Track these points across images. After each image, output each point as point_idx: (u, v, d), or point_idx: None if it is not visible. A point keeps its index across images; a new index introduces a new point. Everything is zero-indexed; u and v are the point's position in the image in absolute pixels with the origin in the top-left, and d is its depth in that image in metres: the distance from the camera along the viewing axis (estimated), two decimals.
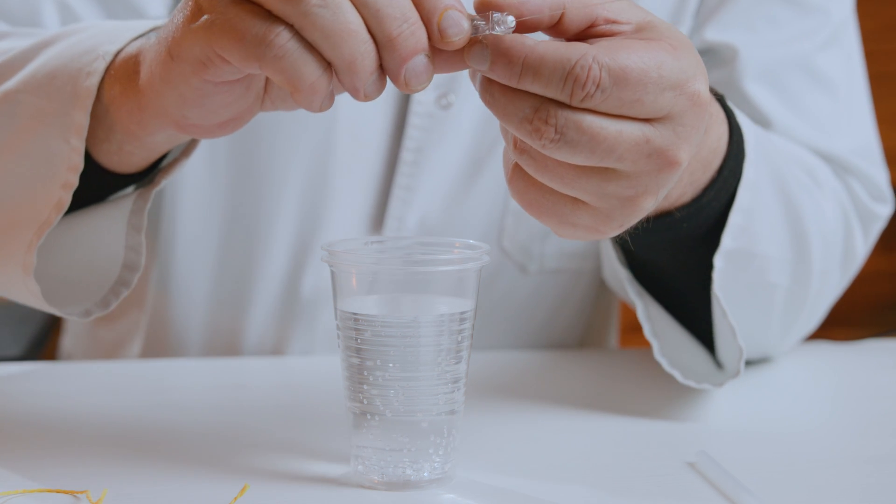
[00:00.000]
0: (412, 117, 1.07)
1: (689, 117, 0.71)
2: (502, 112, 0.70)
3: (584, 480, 0.79)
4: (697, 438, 0.89)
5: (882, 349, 1.18)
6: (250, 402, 0.96)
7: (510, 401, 0.96)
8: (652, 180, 0.72)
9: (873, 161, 1.11)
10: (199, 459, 0.81)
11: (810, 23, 1.09)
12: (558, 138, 0.69)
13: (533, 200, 0.73)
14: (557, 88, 0.68)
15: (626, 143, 0.69)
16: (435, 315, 0.76)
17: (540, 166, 0.71)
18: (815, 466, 0.84)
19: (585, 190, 0.71)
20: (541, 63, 0.68)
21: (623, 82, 0.68)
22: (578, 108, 0.69)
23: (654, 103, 0.69)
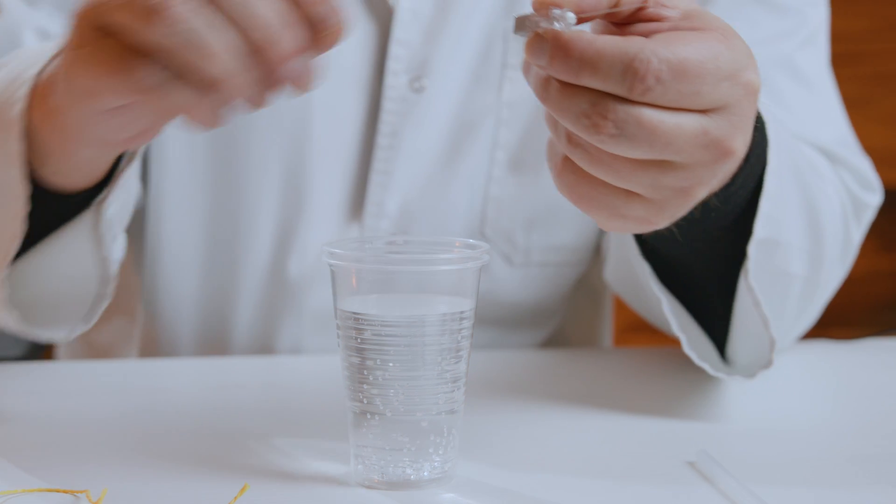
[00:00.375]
0: (386, 102, 1.07)
1: (744, 106, 0.71)
2: (558, 108, 0.69)
3: (584, 480, 0.79)
4: (697, 438, 0.89)
5: (882, 348, 1.18)
6: (250, 402, 0.96)
7: (510, 401, 0.96)
8: (707, 171, 0.72)
9: (856, 152, 1.12)
10: (199, 459, 0.81)
11: (788, 24, 1.10)
12: (617, 133, 0.69)
13: (584, 194, 0.73)
14: (617, 82, 0.68)
15: (684, 135, 0.70)
16: (435, 314, 0.76)
17: (594, 160, 0.71)
18: (816, 465, 0.84)
19: (641, 183, 0.71)
20: (600, 57, 0.68)
21: (682, 75, 0.68)
22: (637, 101, 0.69)
23: (712, 94, 0.70)
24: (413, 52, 1.07)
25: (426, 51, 1.07)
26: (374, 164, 1.08)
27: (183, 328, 1.13)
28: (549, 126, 0.73)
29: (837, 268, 1.07)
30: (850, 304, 2.20)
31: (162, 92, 0.69)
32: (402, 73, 1.07)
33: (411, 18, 1.07)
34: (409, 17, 1.07)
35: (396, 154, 1.08)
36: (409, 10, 1.07)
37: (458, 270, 0.76)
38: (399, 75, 1.07)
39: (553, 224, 1.12)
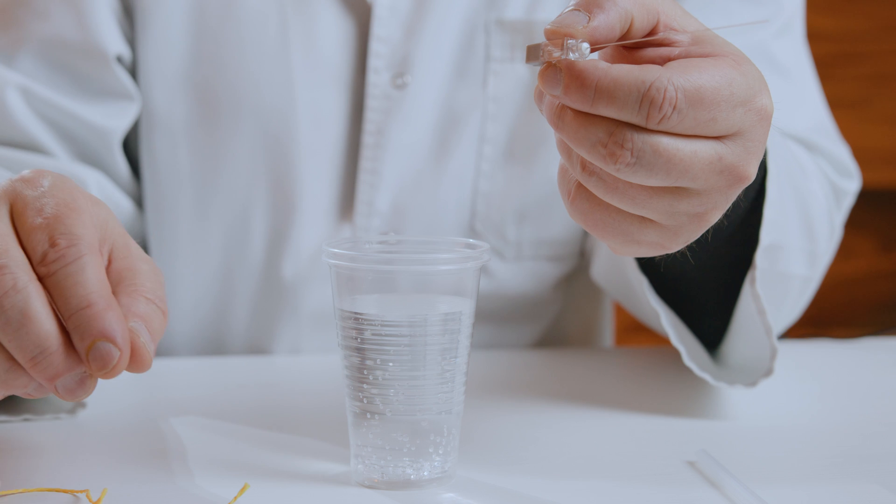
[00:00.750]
0: (369, 100, 1.07)
1: (757, 132, 0.72)
2: (574, 137, 0.69)
3: (584, 479, 0.79)
4: (697, 437, 0.88)
5: (881, 347, 1.18)
6: (250, 402, 0.96)
7: (510, 400, 0.96)
8: (721, 196, 0.72)
9: (834, 139, 1.12)
10: (199, 459, 0.81)
11: (763, 13, 1.10)
12: (634, 162, 0.68)
13: (598, 221, 0.73)
14: (633, 111, 0.68)
15: (700, 162, 0.70)
16: (435, 314, 0.76)
17: (610, 188, 0.70)
18: (815, 465, 0.84)
19: (656, 210, 0.71)
20: (615, 86, 0.68)
21: (698, 102, 0.68)
22: (653, 130, 0.68)
23: (727, 121, 0.70)
24: (393, 48, 1.07)
25: (407, 46, 1.07)
26: (362, 163, 1.08)
27: (179, 335, 1.13)
28: (562, 153, 0.72)
29: (829, 257, 1.08)
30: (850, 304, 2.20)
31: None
32: (384, 70, 1.07)
33: (389, 14, 1.06)
34: (386, 13, 1.06)
35: (383, 152, 1.08)
36: (387, 7, 1.06)
37: (458, 270, 0.76)
38: (381, 72, 1.07)
39: (543, 218, 1.12)
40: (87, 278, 0.69)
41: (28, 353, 0.68)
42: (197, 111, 1.08)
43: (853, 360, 1.12)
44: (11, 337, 0.68)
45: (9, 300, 0.68)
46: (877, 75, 2.18)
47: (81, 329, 0.68)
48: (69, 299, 0.68)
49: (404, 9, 1.07)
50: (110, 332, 0.68)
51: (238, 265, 1.11)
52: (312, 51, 1.07)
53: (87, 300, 0.68)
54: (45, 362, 0.68)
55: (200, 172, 1.09)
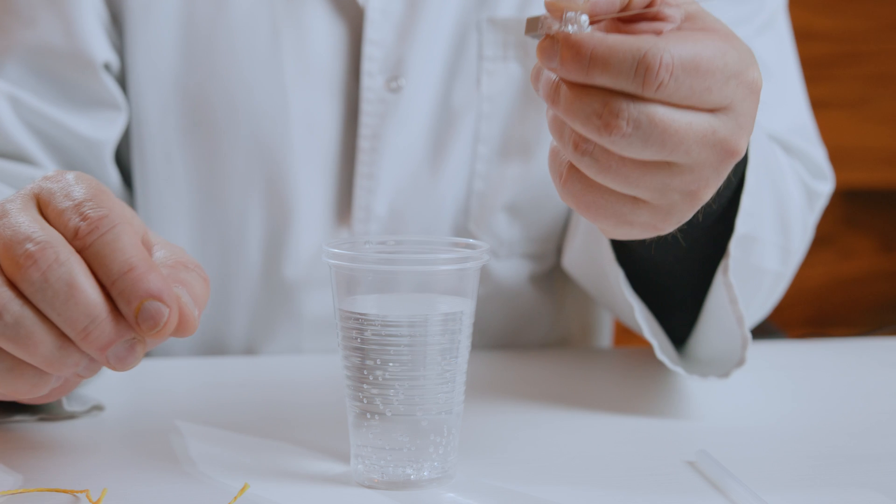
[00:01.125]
0: (364, 104, 1.07)
1: (748, 105, 0.72)
2: (569, 109, 0.69)
3: (584, 480, 0.79)
4: (697, 437, 0.89)
5: (881, 347, 1.18)
6: (250, 402, 0.96)
7: (510, 401, 0.96)
8: (713, 172, 0.72)
9: (811, 140, 1.13)
10: (199, 459, 0.82)
11: (745, 10, 1.10)
12: (630, 132, 0.68)
13: (590, 202, 0.73)
14: (629, 78, 0.68)
15: (695, 134, 0.69)
16: (435, 314, 0.76)
17: (602, 167, 0.70)
18: (815, 464, 0.84)
19: (649, 187, 0.71)
20: (611, 53, 0.68)
21: (694, 70, 0.68)
22: (649, 99, 0.68)
23: (721, 92, 0.70)
24: (387, 51, 1.06)
25: (400, 49, 1.06)
26: (358, 168, 1.08)
27: (178, 341, 1.13)
28: (555, 134, 0.72)
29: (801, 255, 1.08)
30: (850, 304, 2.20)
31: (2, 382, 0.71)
32: (378, 73, 1.06)
33: (382, 17, 1.06)
34: (379, 16, 1.06)
35: (379, 156, 1.07)
36: (380, 10, 1.06)
37: (458, 270, 0.76)
38: (374, 76, 1.06)
39: (535, 215, 1.11)
40: (125, 244, 0.70)
41: (79, 325, 0.69)
42: (189, 118, 1.07)
43: (853, 359, 1.12)
44: (61, 310, 0.69)
45: (53, 273, 0.69)
46: (877, 75, 2.18)
47: (128, 292, 0.69)
48: (110, 266, 0.69)
49: (397, 11, 1.06)
50: (156, 291, 0.69)
51: (235, 272, 1.11)
52: (304, 56, 1.06)
53: (128, 264, 0.69)
54: (97, 331, 0.69)
55: (195, 180, 1.09)
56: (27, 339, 0.69)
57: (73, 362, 0.71)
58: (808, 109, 1.15)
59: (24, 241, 0.70)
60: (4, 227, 0.71)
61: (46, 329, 0.70)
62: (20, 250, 0.70)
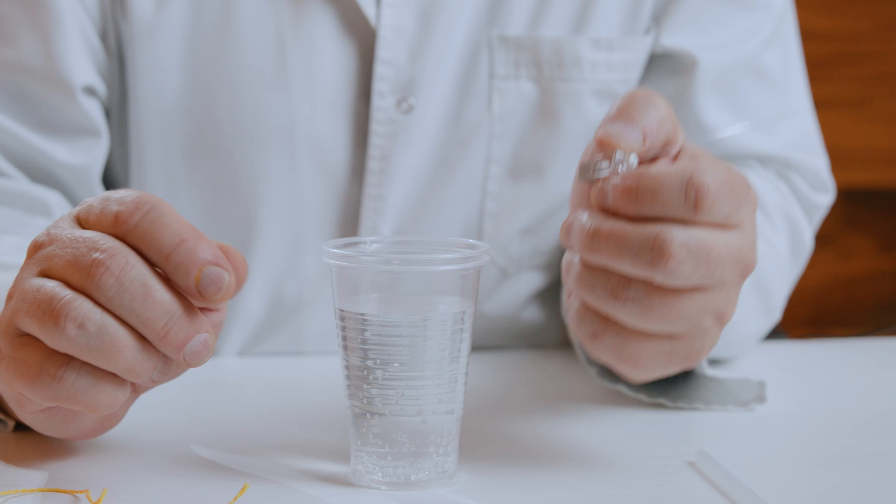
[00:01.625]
0: (374, 125, 1.05)
1: (753, 220, 0.75)
2: (616, 250, 0.71)
3: (584, 480, 0.79)
4: (697, 437, 0.89)
5: (881, 347, 1.18)
6: (250, 402, 0.96)
7: (510, 401, 0.96)
8: (734, 290, 0.75)
9: (814, 151, 1.14)
10: (199, 459, 0.82)
11: (754, 19, 1.10)
12: (685, 257, 0.70)
13: (631, 353, 0.74)
14: (679, 202, 0.70)
15: (729, 253, 0.72)
16: (435, 315, 0.76)
17: (645, 309, 0.72)
18: (815, 465, 0.84)
19: (687, 318, 0.73)
20: (658, 182, 0.71)
21: (731, 190, 0.72)
22: (693, 222, 0.71)
23: (742, 209, 0.73)
24: (399, 70, 1.05)
25: (412, 69, 1.05)
26: (366, 189, 1.06)
27: None
28: (584, 290, 0.73)
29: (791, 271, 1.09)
30: (850, 304, 2.20)
31: (81, 395, 0.71)
32: (389, 93, 1.05)
33: (394, 36, 1.04)
34: (392, 34, 1.04)
35: (389, 178, 1.06)
36: (392, 28, 1.04)
37: (458, 271, 0.76)
38: (385, 97, 1.05)
39: (547, 232, 1.11)
40: (170, 220, 0.71)
41: (158, 324, 0.70)
42: (194, 141, 1.06)
43: (853, 359, 1.12)
44: (140, 311, 0.70)
45: (127, 276, 0.69)
46: (877, 75, 2.18)
47: (185, 264, 0.70)
48: (161, 241, 0.70)
49: (410, 29, 1.05)
50: (213, 258, 0.70)
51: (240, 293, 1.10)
52: (312, 77, 1.05)
53: (179, 236, 0.70)
54: (176, 327, 0.70)
55: (199, 203, 1.08)
56: (111, 345, 0.70)
57: (151, 365, 0.71)
58: (812, 117, 1.15)
59: (89, 250, 0.70)
60: (64, 245, 0.72)
61: (128, 333, 0.70)
62: (88, 259, 0.70)
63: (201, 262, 0.70)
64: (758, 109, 1.11)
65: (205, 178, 1.07)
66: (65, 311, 0.69)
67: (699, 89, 1.09)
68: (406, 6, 1.04)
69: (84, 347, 0.70)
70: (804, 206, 1.12)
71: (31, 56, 1.03)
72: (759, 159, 1.11)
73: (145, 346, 0.71)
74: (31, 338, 0.72)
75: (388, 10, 1.04)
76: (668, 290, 0.72)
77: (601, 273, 0.73)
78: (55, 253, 0.72)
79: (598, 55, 1.07)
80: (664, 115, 0.74)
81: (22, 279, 0.73)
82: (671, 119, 0.75)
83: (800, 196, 1.12)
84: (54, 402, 0.72)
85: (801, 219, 1.11)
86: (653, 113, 0.74)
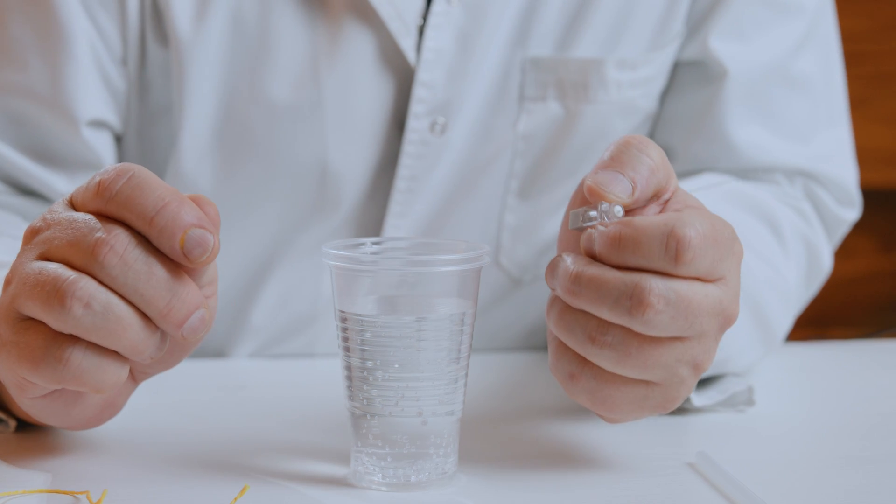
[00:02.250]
0: (407, 146, 1.05)
1: (737, 272, 0.75)
2: (596, 295, 0.72)
3: (584, 481, 0.79)
4: (697, 438, 0.89)
5: (882, 349, 1.18)
6: (250, 403, 0.96)
7: (510, 401, 0.96)
8: (713, 341, 0.75)
9: (845, 163, 1.12)
10: (199, 460, 0.81)
11: (788, 23, 1.09)
12: (662, 308, 0.71)
13: (606, 397, 0.75)
14: (660, 254, 0.71)
15: (709, 306, 0.73)
16: (435, 315, 0.76)
17: (622, 355, 0.72)
18: (815, 466, 0.84)
19: (664, 366, 0.73)
20: (640, 234, 0.71)
21: (714, 243, 0.72)
22: (673, 275, 0.72)
23: (724, 262, 0.73)
24: (436, 93, 1.04)
25: (448, 91, 1.04)
26: (391, 207, 1.06)
27: None
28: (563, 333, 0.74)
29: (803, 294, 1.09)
30: (850, 304, 2.20)
31: (86, 375, 0.71)
32: (424, 115, 1.04)
33: (436, 58, 1.04)
34: (433, 56, 1.04)
35: (414, 197, 1.06)
36: (434, 50, 1.04)
37: (459, 272, 0.76)
38: (421, 118, 1.04)
39: None
40: (151, 185, 0.70)
41: (161, 301, 0.70)
42: (224, 169, 1.06)
43: (853, 361, 1.12)
44: (144, 289, 0.70)
45: (130, 255, 0.70)
46: (877, 75, 2.17)
47: (169, 226, 0.70)
48: (143, 205, 0.70)
49: (449, 51, 1.04)
50: (196, 220, 0.70)
51: (255, 306, 1.10)
52: (347, 108, 1.04)
53: (161, 199, 0.70)
54: (178, 304, 0.70)
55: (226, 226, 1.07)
56: (117, 324, 0.70)
57: (154, 343, 0.71)
58: (846, 124, 1.13)
59: (91, 231, 0.70)
60: (62, 227, 0.72)
61: (132, 311, 0.70)
62: (91, 239, 0.70)
63: (185, 225, 0.70)
64: (790, 119, 1.09)
65: (233, 202, 1.07)
66: (70, 291, 0.69)
67: (728, 101, 1.07)
68: (447, 28, 1.04)
69: (90, 327, 0.70)
70: (828, 223, 1.11)
71: (38, 84, 1.02)
72: (785, 173, 1.09)
73: (147, 322, 0.71)
74: (32, 321, 0.72)
75: (431, 31, 1.03)
76: (646, 338, 0.73)
77: (582, 316, 0.73)
78: (54, 235, 0.72)
79: (622, 75, 1.06)
80: (657, 163, 0.75)
81: (21, 264, 0.72)
82: (664, 167, 0.75)
83: (825, 213, 1.11)
84: (60, 385, 0.72)
85: (822, 242, 1.09)
86: (645, 161, 0.74)
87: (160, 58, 1.05)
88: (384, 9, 1.02)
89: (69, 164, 1.04)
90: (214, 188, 1.06)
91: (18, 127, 1.03)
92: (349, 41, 1.03)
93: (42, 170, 1.04)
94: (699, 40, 1.08)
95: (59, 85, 1.02)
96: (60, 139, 1.03)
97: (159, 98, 1.06)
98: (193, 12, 1.03)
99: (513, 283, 1.11)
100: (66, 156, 1.04)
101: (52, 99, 1.02)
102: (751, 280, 0.94)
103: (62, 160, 1.04)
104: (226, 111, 1.05)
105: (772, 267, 1.00)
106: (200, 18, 1.03)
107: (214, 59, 1.04)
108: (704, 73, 1.09)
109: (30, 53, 1.02)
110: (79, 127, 1.03)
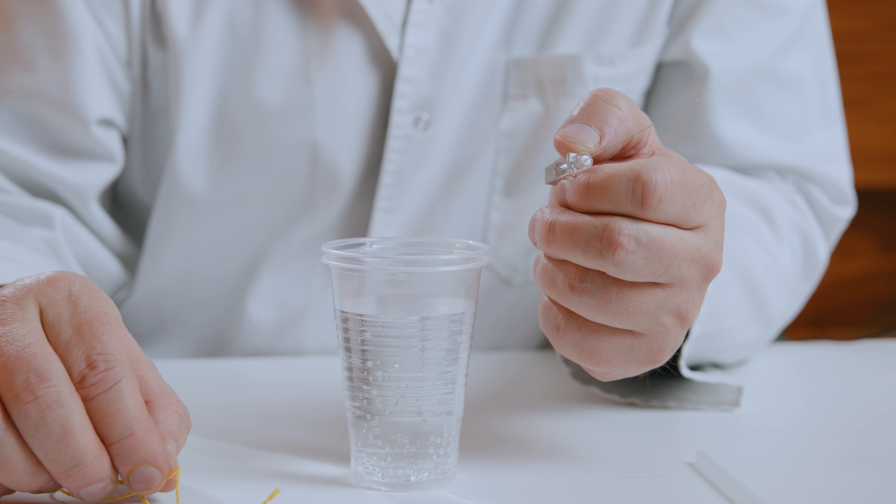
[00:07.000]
0: (392, 141, 1.06)
1: (719, 223, 0.75)
2: (568, 241, 0.72)
3: (584, 481, 0.79)
4: (697, 437, 0.89)
5: (882, 349, 1.18)
6: (250, 403, 0.96)
7: (510, 401, 0.96)
8: (697, 290, 0.75)
9: (838, 161, 1.12)
10: (200, 460, 0.81)
11: (774, 23, 1.09)
12: (633, 248, 0.71)
13: (593, 348, 0.75)
14: (627, 198, 0.71)
15: (685, 250, 0.73)
16: (435, 315, 0.76)
17: (602, 301, 0.73)
18: (815, 466, 0.84)
19: (645, 314, 0.73)
20: (608, 179, 0.72)
21: (683, 188, 0.72)
22: (644, 219, 0.72)
23: (702, 209, 0.73)
24: (418, 89, 1.05)
25: (431, 88, 1.05)
26: (378, 203, 1.07)
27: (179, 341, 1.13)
28: (546, 286, 0.74)
29: (802, 286, 1.09)
30: (850, 304, 2.20)
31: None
32: (408, 111, 1.05)
33: (417, 55, 1.05)
34: (415, 53, 1.04)
35: (401, 192, 1.07)
36: (415, 47, 1.04)
37: (458, 272, 0.76)
38: (404, 114, 1.05)
39: None
40: (127, 405, 0.70)
41: (63, 466, 0.69)
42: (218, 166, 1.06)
43: (853, 361, 1.12)
44: (49, 450, 0.69)
45: (51, 414, 0.69)
46: (877, 75, 2.18)
47: (126, 456, 0.70)
48: (111, 427, 0.70)
49: (431, 49, 1.05)
50: (153, 458, 0.70)
51: (249, 299, 1.10)
52: (337, 105, 1.05)
53: (129, 428, 0.70)
54: (79, 474, 0.70)
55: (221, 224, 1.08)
56: (1, 462, 0.69)
57: (39, 486, 0.71)
58: (840, 124, 1.13)
59: (27, 369, 0.69)
60: (6, 341, 0.70)
61: (24, 457, 0.70)
62: (21, 379, 0.69)
63: (140, 461, 0.70)
64: (779, 117, 1.09)
65: (227, 198, 1.07)
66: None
67: (712, 99, 1.08)
68: (429, 26, 1.05)
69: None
70: (823, 220, 1.11)
71: (48, 86, 1.03)
72: (777, 171, 1.10)
73: (38, 469, 0.70)
74: None
75: (412, 28, 1.04)
76: (625, 283, 0.73)
77: (561, 265, 0.74)
78: (1, 342, 0.70)
79: (600, 70, 1.07)
80: (625, 112, 0.75)
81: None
82: (634, 116, 0.75)
83: (819, 210, 1.11)
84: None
85: (817, 234, 1.10)
86: (613, 111, 0.75)
87: (159, 60, 1.06)
88: (373, 9, 1.04)
89: (80, 157, 1.05)
90: (208, 186, 1.07)
91: (30, 126, 1.04)
92: (339, 41, 1.04)
93: (52, 162, 1.04)
94: (682, 41, 1.08)
95: (68, 85, 1.03)
96: (72, 136, 1.04)
97: (158, 100, 1.07)
98: (190, 16, 1.04)
99: (502, 283, 1.11)
100: (78, 149, 1.05)
101: (62, 99, 1.03)
102: (745, 259, 0.95)
103: (73, 153, 1.05)
104: (220, 112, 1.06)
105: (765, 249, 1.00)
106: (196, 22, 1.04)
107: (209, 61, 1.05)
108: (688, 74, 1.09)
109: (39, 56, 1.03)
110: (89, 125, 1.04)
